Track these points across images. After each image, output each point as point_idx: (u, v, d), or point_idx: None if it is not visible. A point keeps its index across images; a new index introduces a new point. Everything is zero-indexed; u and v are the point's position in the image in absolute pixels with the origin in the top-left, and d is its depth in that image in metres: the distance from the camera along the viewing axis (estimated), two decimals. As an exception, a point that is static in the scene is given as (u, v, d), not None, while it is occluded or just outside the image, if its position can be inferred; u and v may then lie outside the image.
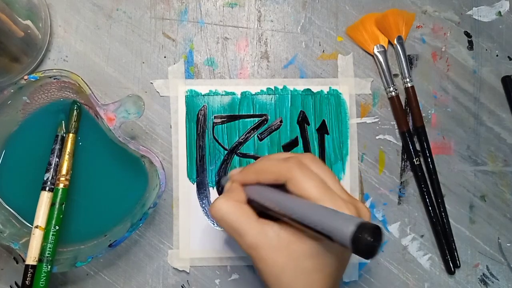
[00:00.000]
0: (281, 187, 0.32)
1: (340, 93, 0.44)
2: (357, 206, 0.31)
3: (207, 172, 0.42)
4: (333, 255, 0.30)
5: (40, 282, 0.35)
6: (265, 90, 0.43)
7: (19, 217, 0.39)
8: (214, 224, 0.42)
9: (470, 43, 0.45)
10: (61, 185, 0.37)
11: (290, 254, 0.30)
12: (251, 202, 0.34)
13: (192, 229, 0.42)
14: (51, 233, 0.36)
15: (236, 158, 0.43)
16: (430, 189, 0.44)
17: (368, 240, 0.25)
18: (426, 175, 0.44)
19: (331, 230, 0.27)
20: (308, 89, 0.44)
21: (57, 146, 0.38)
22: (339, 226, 0.26)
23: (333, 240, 0.27)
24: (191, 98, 0.43)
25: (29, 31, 0.39)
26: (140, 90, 0.43)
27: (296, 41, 0.44)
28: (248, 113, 0.43)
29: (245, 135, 0.43)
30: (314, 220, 0.28)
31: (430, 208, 0.43)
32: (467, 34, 0.45)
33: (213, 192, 0.42)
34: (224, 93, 0.43)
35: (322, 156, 0.43)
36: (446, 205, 0.44)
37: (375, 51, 0.44)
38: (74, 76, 0.37)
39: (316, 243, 0.30)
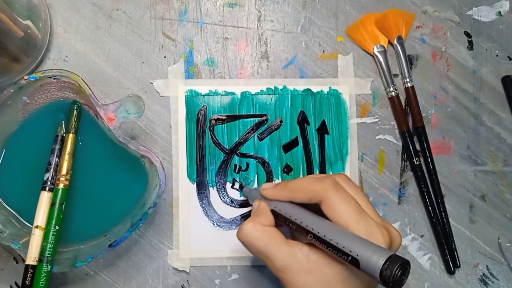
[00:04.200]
0: (310, 207, 0.32)
1: (340, 93, 0.44)
2: (389, 230, 0.31)
3: (207, 172, 0.42)
4: (362, 281, 0.30)
5: (40, 282, 0.35)
6: (265, 90, 0.43)
7: (19, 217, 0.39)
8: (214, 224, 0.42)
9: (470, 43, 0.45)
10: (61, 185, 0.37)
11: (321, 277, 0.30)
12: (277, 219, 0.34)
13: (192, 229, 0.42)
14: (51, 233, 0.36)
15: (236, 158, 0.43)
16: (430, 189, 0.44)
17: (396, 274, 0.25)
18: (426, 175, 0.44)
19: (362, 261, 0.27)
20: (308, 89, 0.44)
21: (57, 146, 0.38)
22: (369, 258, 0.26)
23: (361, 269, 0.27)
24: (191, 98, 0.43)
25: (29, 31, 0.39)
26: (140, 90, 0.43)
27: (296, 41, 0.44)
28: (248, 113, 0.43)
29: (245, 135, 0.43)
30: (346, 247, 0.28)
31: (430, 208, 0.43)
32: (467, 34, 0.45)
33: (213, 192, 0.42)
34: (224, 93, 0.43)
35: (322, 156, 0.43)
36: (446, 205, 0.44)
37: (375, 51, 0.44)
38: (74, 76, 0.37)
39: (346, 267, 0.30)
